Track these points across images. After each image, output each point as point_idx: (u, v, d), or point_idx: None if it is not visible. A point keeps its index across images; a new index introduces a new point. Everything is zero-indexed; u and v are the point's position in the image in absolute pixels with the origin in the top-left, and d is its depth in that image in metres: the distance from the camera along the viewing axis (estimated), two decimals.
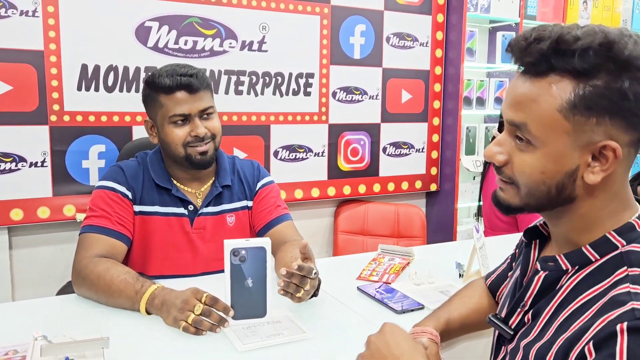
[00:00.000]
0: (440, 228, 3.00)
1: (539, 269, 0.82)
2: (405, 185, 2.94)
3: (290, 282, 1.16)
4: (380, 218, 2.85)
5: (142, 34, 2.19)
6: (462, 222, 3.05)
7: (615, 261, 0.73)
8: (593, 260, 0.76)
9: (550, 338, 0.75)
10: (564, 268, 0.78)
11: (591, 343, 0.66)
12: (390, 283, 1.45)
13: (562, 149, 0.73)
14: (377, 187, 2.85)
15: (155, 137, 1.51)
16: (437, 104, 2.95)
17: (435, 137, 2.98)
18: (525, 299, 0.84)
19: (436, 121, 2.97)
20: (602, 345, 0.65)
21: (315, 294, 1.29)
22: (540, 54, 0.72)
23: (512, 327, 0.86)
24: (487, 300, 1.12)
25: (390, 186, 2.89)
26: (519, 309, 0.85)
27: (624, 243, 0.74)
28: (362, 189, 2.81)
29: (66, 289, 1.66)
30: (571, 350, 0.69)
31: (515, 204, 0.80)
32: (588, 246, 0.76)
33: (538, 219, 0.92)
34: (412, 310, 1.26)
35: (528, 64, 0.74)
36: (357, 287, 1.41)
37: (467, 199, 3.05)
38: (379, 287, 1.40)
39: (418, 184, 2.98)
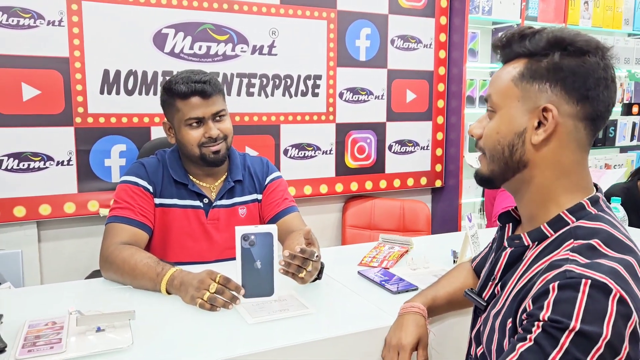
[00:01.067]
0: (445, 223, 3.10)
1: (506, 245, 0.95)
2: (410, 182, 3.05)
3: (292, 263, 1.29)
4: (386, 213, 2.97)
5: (159, 40, 2.34)
6: (466, 217, 3.14)
7: (565, 235, 0.85)
8: (549, 235, 0.88)
9: (509, 304, 0.87)
10: (526, 244, 0.91)
11: (530, 300, 0.79)
12: (388, 268, 1.58)
13: (514, 112, 0.89)
14: (383, 184, 2.97)
15: (172, 138, 1.65)
16: (441, 103, 3.06)
17: (440, 135, 3.09)
18: (495, 273, 0.97)
19: (440, 120, 3.08)
20: (537, 300, 0.77)
21: (319, 277, 1.42)
22: (507, 40, 0.91)
23: (485, 298, 0.98)
24: (472, 281, 1.24)
25: (396, 182, 3.01)
26: (490, 282, 0.98)
27: (574, 220, 0.86)
28: (368, 185, 2.93)
29: (92, 278, 1.80)
30: (519, 308, 0.82)
31: (485, 173, 0.95)
32: (545, 224, 0.89)
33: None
34: (407, 291, 1.38)
35: (502, 53, 0.93)
36: (358, 272, 1.53)
37: (472, 194, 3.15)
38: (377, 272, 1.52)
39: (423, 181, 3.09)
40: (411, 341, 1.09)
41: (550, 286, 0.76)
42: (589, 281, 0.73)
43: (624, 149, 3.76)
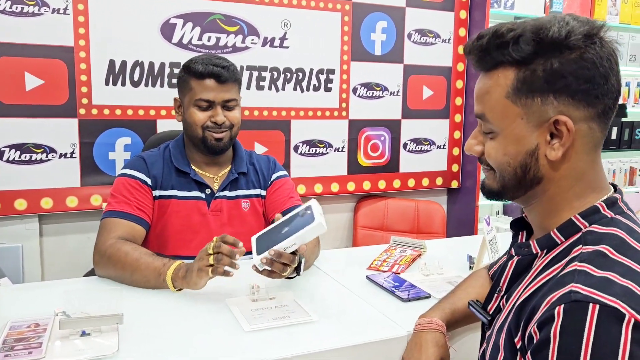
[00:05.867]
0: (461, 225, 2.99)
1: (513, 254, 0.86)
2: (425, 182, 2.94)
3: (276, 262, 1.20)
4: (400, 214, 2.87)
5: (167, 30, 2.26)
6: (483, 220, 3.03)
7: (575, 242, 0.76)
8: (559, 242, 0.78)
9: (513, 317, 0.77)
10: (534, 252, 0.81)
11: (536, 325, 0.69)
12: (399, 273, 1.48)
13: (519, 131, 0.78)
14: (397, 183, 2.86)
15: (180, 116, 1.61)
16: (459, 101, 2.95)
17: (457, 134, 2.98)
18: (501, 284, 0.87)
19: (458, 118, 2.96)
20: (543, 327, 0.68)
21: (297, 273, 1.29)
22: (482, 50, 0.78)
23: (490, 312, 0.88)
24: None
25: (411, 182, 2.90)
26: (495, 294, 0.88)
27: (587, 225, 0.76)
28: (382, 184, 2.82)
29: (91, 274, 1.74)
30: (526, 328, 0.72)
31: (494, 188, 0.85)
32: (555, 230, 0.79)
33: None
34: (418, 299, 1.29)
35: (477, 62, 0.80)
36: (366, 276, 1.44)
37: None
38: (387, 277, 1.42)
39: (439, 181, 2.98)
40: None
41: (555, 311, 0.66)
42: (597, 306, 0.64)
43: None
